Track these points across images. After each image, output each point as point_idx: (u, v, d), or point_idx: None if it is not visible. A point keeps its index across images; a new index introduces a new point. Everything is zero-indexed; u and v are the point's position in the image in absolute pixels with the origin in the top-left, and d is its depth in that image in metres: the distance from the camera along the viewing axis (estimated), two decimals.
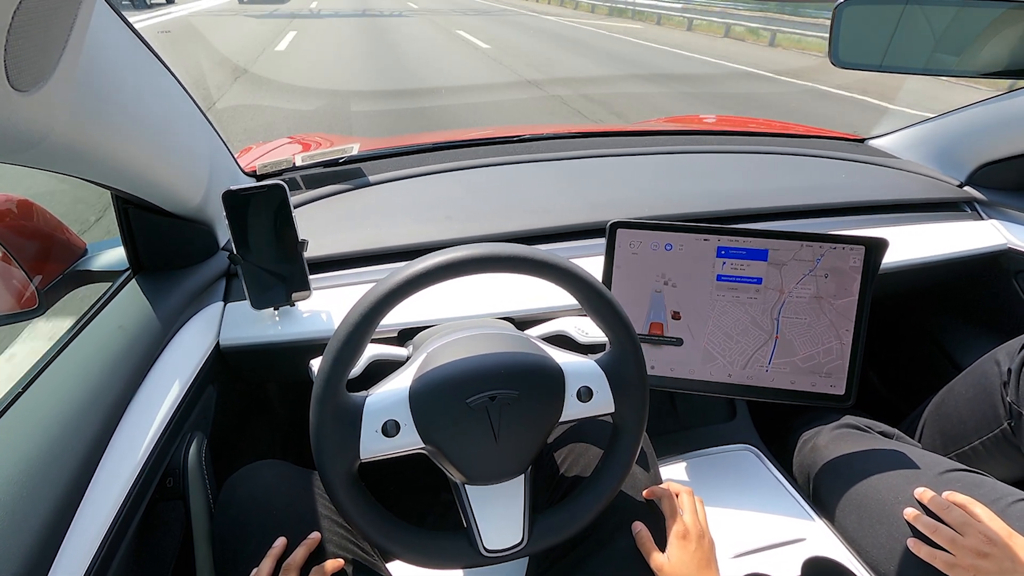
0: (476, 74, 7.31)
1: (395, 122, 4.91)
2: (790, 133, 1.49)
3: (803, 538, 0.83)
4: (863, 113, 5.86)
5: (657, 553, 0.63)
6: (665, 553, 0.63)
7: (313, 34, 10.85)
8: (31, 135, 0.41)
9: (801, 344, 0.86)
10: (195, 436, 0.72)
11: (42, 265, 0.79)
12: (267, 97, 5.65)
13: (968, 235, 1.09)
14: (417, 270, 0.54)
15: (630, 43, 10.68)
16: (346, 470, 0.56)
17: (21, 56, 0.34)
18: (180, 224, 0.79)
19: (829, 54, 1.01)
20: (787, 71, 7.95)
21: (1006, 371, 0.84)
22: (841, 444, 0.89)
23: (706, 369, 0.87)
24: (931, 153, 1.27)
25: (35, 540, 0.48)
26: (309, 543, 0.63)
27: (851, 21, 0.98)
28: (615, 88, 6.58)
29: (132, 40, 0.64)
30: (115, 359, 0.66)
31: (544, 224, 0.96)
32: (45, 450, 0.53)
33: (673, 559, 0.62)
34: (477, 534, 0.58)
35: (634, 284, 0.86)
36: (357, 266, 0.90)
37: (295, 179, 1.08)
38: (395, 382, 0.60)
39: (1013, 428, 0.82)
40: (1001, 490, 0.75)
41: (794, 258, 0.83)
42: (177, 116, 0.75)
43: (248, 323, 0.82)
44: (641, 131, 1.45)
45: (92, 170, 0.58)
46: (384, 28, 12.26)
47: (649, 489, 0.69)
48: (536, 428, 0.59)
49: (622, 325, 0.60)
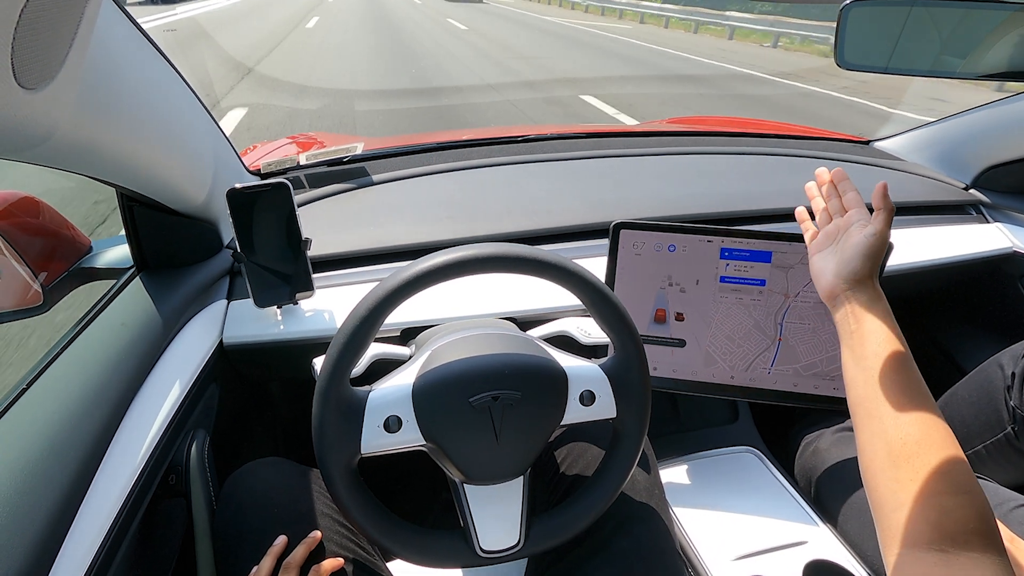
0: (451, 42, 10.83)
1: (398, 98, 6.05)
2: (795, 134, 1.49)
3: (804, 541, 0.83)
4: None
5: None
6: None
7: (332, 16, 15.03)
8: (37, 133, 0.41)
9: (804, 351, 0.85)
10: (197, 434, 0.72)
11: (47, 262, 0.79)
12: (305, 57, 8.58)
13: (973, 238, 1.08)
14: (421, 269, 0.54)
15: (590, 33, 13.92)
16: (346, 464, 0.56)
17: (28, 54, 0.34)
18: (184, 222, 0.80)
19: (835, 56, 1.00)
20: (708, 53, 10.32)
21: (1010, 375, 0.84)
22: (843, 447, 0.89)
23: (708, 371, 0.87)
24: (937, 155, 1.26)
25: (38, 536, 0.48)
26: (309, 542, 0.63)
27: (857, 23, 0.98)
28: (537, 51, 10.10)
29: (138, 38, 0.64)
30: (118, 356, 0.66)
31: (547, 224, 0.96)
32: (48, 447, 0.54)
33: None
34: (474, 534, 0.58)
35: (637, 285, 0.86)
36: (360, 265, 0.90)
37: (299, 178, 1.09)
38: (398, 378, 0.60)
39: (1017, 432, 0.82)
40: (1003, 495, 0.75)
41: (801, 261, 0.83)
42: (182, 114, 0.75)
43: (251, 321, 0.82)
44: (645, 132, 1.45)
45: (97, 168, 0.58)
46: (387, 14, 16.51)
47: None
48: (537, 430, 0.59)
49: (626, 329, 0.60)
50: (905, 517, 0.44)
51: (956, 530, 0.42)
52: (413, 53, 9.23)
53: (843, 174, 0.71)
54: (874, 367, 0.55)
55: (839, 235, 0.66)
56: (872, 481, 0.49)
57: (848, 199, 0.69)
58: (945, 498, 0.44)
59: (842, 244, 0.64)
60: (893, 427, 0.49)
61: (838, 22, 0.98)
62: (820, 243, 0.68)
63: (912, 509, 0.44)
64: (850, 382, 0.58)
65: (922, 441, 0.47)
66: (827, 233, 0.68)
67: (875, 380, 0.54)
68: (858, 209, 0.67)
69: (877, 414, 0.52)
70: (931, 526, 0.43)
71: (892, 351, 0.55)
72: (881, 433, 0.50)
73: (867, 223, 0.64)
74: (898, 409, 0.50)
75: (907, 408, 0.50)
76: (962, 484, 0.45)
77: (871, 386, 0.54)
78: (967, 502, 0.44)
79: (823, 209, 0.71)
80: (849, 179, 0.71)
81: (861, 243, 0.62)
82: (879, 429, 0.50)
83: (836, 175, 0.72)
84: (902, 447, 0.47)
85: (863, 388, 0.55)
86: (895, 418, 0.50)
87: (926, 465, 0.46)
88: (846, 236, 0.65)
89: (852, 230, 0.64)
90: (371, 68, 7.81)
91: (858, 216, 0.66)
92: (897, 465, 0.47)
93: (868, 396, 0.54)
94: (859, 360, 0.57)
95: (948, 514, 0.43)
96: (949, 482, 0.45)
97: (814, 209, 0.73)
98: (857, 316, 0.60)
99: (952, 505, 0.43)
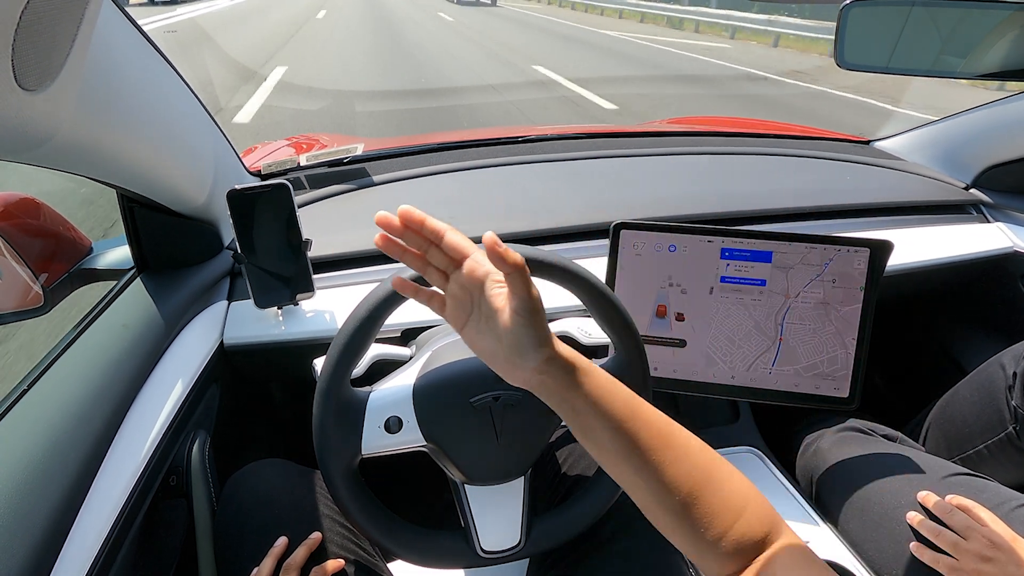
0: (440, 31, 13.00)
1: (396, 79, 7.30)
2: (795, 134, 1.49)
3: (806, 541, 0.83)
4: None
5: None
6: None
7: (338, 8, 17.73)
8: (38, 134, 0.41)
9: (805, 352, 0.85)
10: (198, 434, 0.72)
11: (48, 263, 0.80)
12: (319, 40, 10.47)
13: (974, 238, 1.08)
14: None
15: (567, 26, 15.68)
16: (347, 464, 0.56)
17: (28, 56, 0.34)
18: (185, 223, 0.80)
19: (835, 55, 1.00)
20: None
21: (1011, 375, 0.84)
22: (844, 447, 0.89)
23: (709, 371, 0.87)
24: (937, 155, 1.26)
25: (39, 537, 0.48)
26: (310, 543, 0.63)
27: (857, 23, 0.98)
28: (518, 41, 11.73)
29: (138, 40, 0.64)
30: (119, 357, 0.66)
31: (548, 225, 0.96)
32: (49, 447, 0.54)
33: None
34: (475, 535, 0.58)
35: (638, 285, 0.86)
36: (361, 266, 0.90)
37: (299, 179, 1.09)
38: (399, 379, 0.60)
39: (1018, 432, 0.82)
40: (1005, 494, 0.75)
41: (801, 262, 0.83)
42: (183, 115, 0.75)
43: (252, 322, 0.82)
44: (645, 132, 1.45)
45: (98, 169, 0.58)
46: (384, 5, 19.90)
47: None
48: (538, 430, 0.59)
49: (627, 329, 0.60)
50: (711, 558, 0.44)
51: (752, 545, 0.44)
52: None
53: (414, 217, 0.45)
54: (622, 443, 0.45)
55: (473, 300, 0.46)
56: (671, 538, 0.46)
57: (450, 243, 0.45)
58: (732, 530, 0.43)
59: (486, 314, 0.45)
60: (664, 492, 0.44)
61: (838, 22, 0.98)
62: (455, 315, 0.47)
63: (712, 551, 0.43)
64: (605, 463, 0.47)
65: (692, 490, 0.44)
66: (457, 300, 0.47)
67: (631, 453, 0.45)
68: (473, 255, 0.45)
69: (645, 485, 0.45)
70: (733, 558, 0.43)
71: (626, 417, 0.45)
72: (656, 502, 0.45)
73: (496, 276, 0.44)
74: (662, 472, 0.44)
75: (669, 466, 0.44)
76: (735, 505, 0.44)
77: (632, 460, 0.45)
78: (748, 518, 0.44)
79: (426, 264, 0.47)
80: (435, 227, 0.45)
81: (513, 316, 0.43)
82: (653, 499, 0.45)
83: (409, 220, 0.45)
84: (681, 505, 0.44)
85: (620, 466, 0.46)
86: (662, 484, 0.44)
87: (706, 511, 0.44)
88: (485, 301, 0.45)
89: (490, 293, 0.45)
90: (375, 56, 9.02)
91: (484, 267, 0.45)
92: (682, 519, 0.44)
93: (631, 470, 0.45)
94: (603, 445, 0.46)
95: (741, 539, 0.43)
96: (728, 512, 0.44)
97: (405, 261, 0.46)
98: (572, 402, 0.45)
99: (740, 530, 0.44)
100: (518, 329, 0.43)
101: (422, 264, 0.46)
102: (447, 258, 0.46)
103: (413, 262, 0.46)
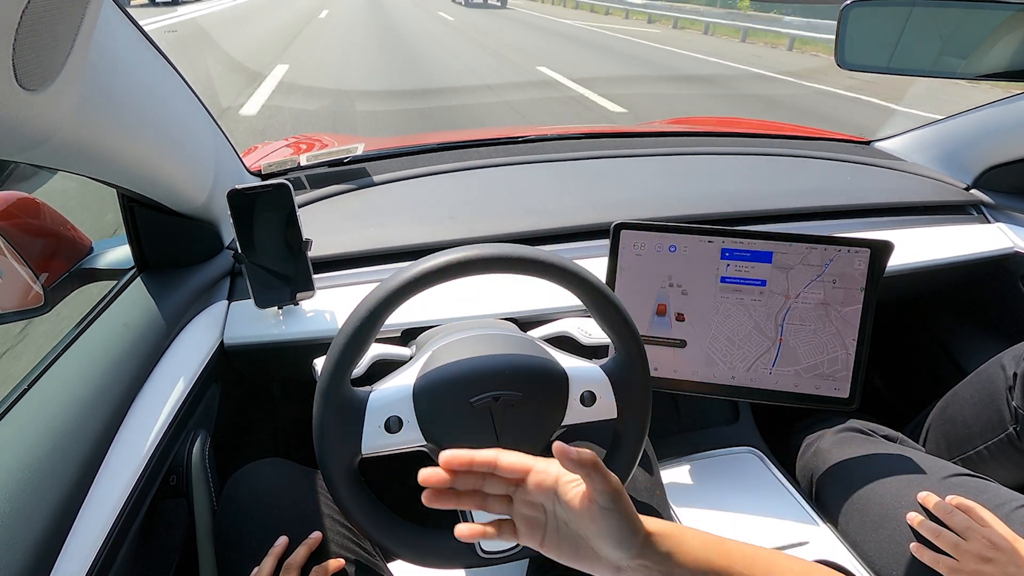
0: (439, 30, 13.58)
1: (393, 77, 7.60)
2: (795, 135, 1.49)
3: (806, 541, 0.83)
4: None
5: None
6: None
7: (340, 9, 18.31)
8: (38, 134, 0.41)
9: (805, 353, 0.85)
10: (198, 434, 0.72)
11: (48, 263, 0.80)
12: (321, 38, 11.04)
13: (975, 238, 1.08)
14: (421, 269, 0.54)
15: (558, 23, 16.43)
16: (347, 464, 0.56)
17: (29, 55, 0.34)
18: (185, 223, 0.80)
19: (835, 56, 1.00)
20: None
21: (1012, 375, 0.84)
22: (845, 448, 0.89)
23: (709, 371, 0.87)
24: (938, 156, 1.26)
25: (39, 536, 0.48)
26: (310, 542, 0.63)
27: (858, 23, 0.98)
28: (511, 39, 12.21)
29: (139, 40, 0.64)
30: (120, 357, 0.66)
31: (548, 225, 0.96)
32: (50, 447, 0.54)
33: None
34: None
35: (638, 285, 0.86)
36: (361, 266, 0.90)
37: (300, 179, 1.09)
38: (399, 379, 0.60)
39: (1018, 433, 0.82)
40: (1005, 495, 0.75)
41: (802, 262, 0.83)
42: (183, 115, 0.75)
43: (252, 322, 0.82)
44: (646, 132, 1.45)
45: (98, 168, 0.58)
46: (385, 4, 20.93)
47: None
48: (538, 430, 0.59)
49: (627, 329, 0.60)
50: None
51: None
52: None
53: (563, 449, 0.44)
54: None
55: (547, 511, 0.46)
56: None
57: (508, 466, 0.46)
58: None
59: (564, 519, 0.45)
60: None
61: (838, 22, 0.98)
62: (530, 533, 0.47)
63: None
64: None
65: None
66: (525, 517, 0.46)
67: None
68: (535, 467, 0.45)
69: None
70: None
71: (724, 568, 0.45)
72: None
73: (566, 477, 0.45)
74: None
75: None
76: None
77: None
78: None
79: (485, 497, 0.47)
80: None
81: (601, 511, 0.43)
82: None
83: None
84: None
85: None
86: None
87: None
88: (561, 507, 0.45)
89: (567, 497, 0.44)
90: (375, 53, 9.41)
91: (551, 474, 0.45)
92: None
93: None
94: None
95: None
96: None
97: (464, 506, 0.47)
98: (672, 571, 0.45)
99: None
100: (609, 523, 0.43)
101: (481, 499, 0.46)
102: (506, 481, 0.46)
103: (471, 502, 0.46)
